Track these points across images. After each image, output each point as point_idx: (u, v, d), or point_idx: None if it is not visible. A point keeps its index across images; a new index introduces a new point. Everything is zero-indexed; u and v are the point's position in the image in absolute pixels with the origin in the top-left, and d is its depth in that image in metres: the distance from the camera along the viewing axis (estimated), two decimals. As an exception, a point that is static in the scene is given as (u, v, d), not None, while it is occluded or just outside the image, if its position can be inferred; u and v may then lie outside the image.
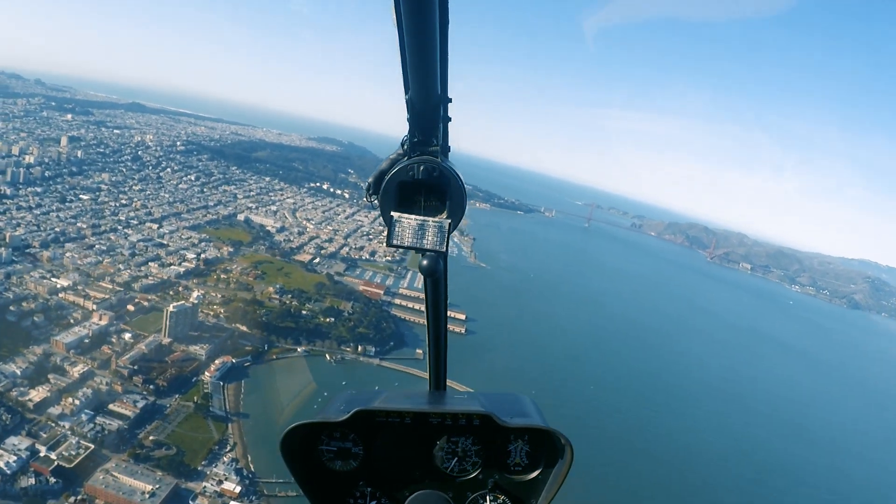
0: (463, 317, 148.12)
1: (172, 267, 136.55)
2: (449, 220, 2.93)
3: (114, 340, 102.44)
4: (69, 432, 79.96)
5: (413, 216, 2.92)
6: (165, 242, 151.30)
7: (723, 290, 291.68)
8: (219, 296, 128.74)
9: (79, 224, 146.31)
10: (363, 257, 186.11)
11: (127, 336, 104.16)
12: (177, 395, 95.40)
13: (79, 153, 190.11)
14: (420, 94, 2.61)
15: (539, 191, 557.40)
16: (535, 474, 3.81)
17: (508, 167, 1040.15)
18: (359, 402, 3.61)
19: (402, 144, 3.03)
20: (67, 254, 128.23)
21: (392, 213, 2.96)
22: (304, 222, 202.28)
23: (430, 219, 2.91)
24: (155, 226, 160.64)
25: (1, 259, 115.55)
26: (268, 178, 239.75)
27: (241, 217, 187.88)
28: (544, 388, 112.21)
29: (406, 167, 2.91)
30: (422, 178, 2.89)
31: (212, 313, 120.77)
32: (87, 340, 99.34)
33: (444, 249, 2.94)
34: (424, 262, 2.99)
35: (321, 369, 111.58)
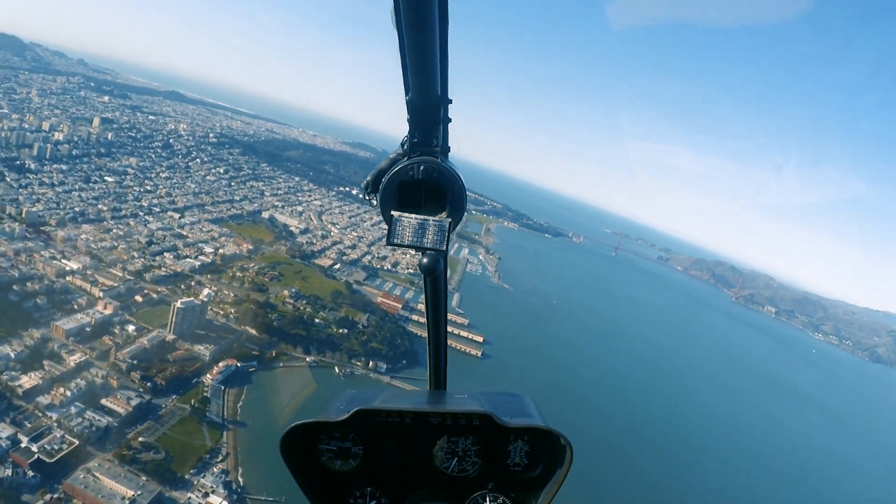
0: (480, 339, 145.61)
1: (188, 260, 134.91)
2: (449, 220, 3.05)
3: (116, 331, 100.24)
4: (55, 424, 77.33)
5: (413, 215, 3.03)
6: (185, 234, 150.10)
7: (745, 332, 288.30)
8: (231, 294, 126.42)
9: (99, 206, 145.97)
10: (385, 267, 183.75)
11: (130, 328, 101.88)
12: (174, 396, 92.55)
13: (109, 135, 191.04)
14: (420, 94, 2.74)
15: (568, 215, 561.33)
16: (534, 474, 3.84)
17: (540, 189, 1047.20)
18: (359, 402, 3.61)
19: (402, 145, 3.15)
20: (83, 236, 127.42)
21: (392, 213, 3.06)
22: (329, 226, 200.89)
23: (431, 218, 3.02)
24: (177, 215, 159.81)
25: (13, 235, 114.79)
26: (297, 178, 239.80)
27: (265, 215, 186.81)
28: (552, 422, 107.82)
29: (406, 167, 3.04)
30: (422, 179, 3.02)
31: (221, 312, 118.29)
32: (88, 329, 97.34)
33: (445, 248, 3.05)
34: (424, 261, 3.13)
35: (329, 382, 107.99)
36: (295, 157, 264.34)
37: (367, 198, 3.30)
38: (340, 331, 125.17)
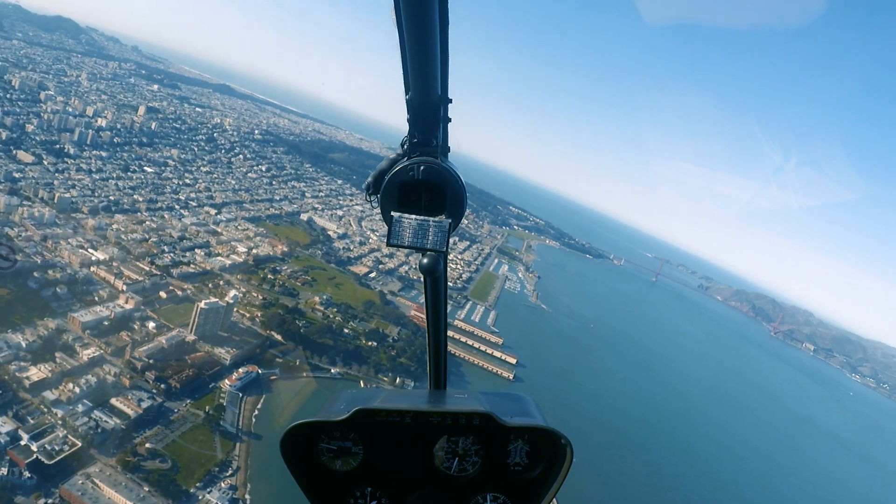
0: (513, 361, 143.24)
1: (219, 258, 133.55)
2: (449, 220, 3.17)
3: (135, 327, 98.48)
4: (59, 423, 75.24)
5: (413, 216, 3.13)
6: (219, 231, 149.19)
7: (783, 369, 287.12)
8: (260, 297, 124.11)
9: (135, 196, 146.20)
10: (422, 279, 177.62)
11: (150, 325, 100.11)
12: (188, 401, 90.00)
13: (153, 125, 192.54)
14: (420, 94, 2.82)
15: (610, 236, 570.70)
16: (535, 474, 3.92)
17: (583, 207, 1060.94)
18: (359, 402, 3.69)
19: (402, 145, 3.24)
20: (114, 226, 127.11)
21: (392, 213, 3.16)
22: (369, 232, 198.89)
23: (431, 219, 3.13)
24: (213, 211, 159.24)
25: (42, 220, 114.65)
26: (340, 181, 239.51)
27: (304, 217, 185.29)
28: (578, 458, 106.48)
29: (406, 167, 3.13)
30: (422, 179, 3.12)
31: (248, 315, 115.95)
32: (106, 322, 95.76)
33: (445, 249, 3.19)
34: (424, 261, 3.30)
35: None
36: (339, 160, 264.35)
37: (368, 199, 3.31)
38: (369, 343, 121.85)
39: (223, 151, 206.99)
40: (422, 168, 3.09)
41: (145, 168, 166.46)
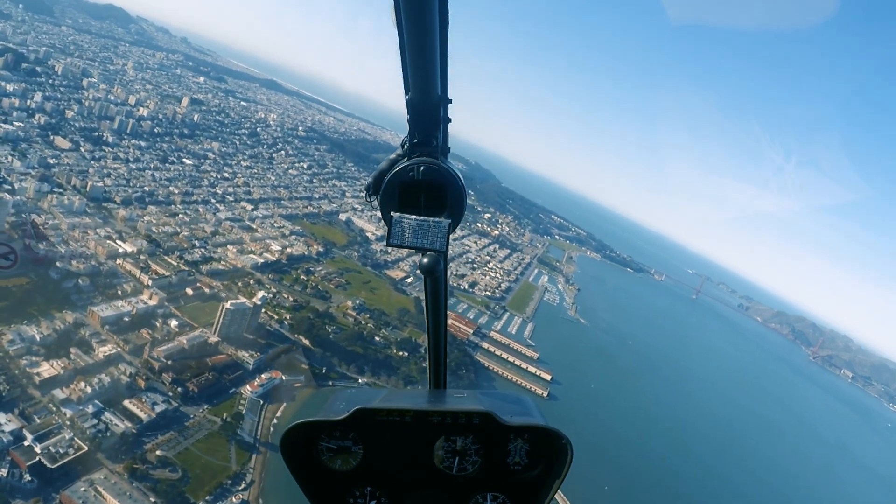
0: (548, 377, 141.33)
1: (251, 256, 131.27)
2: (449, 221, 3.20)
3: (157, 325, 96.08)
4: (67, 424, 72.78)
5: (413, 216, 3.17)
6: (254, 227, 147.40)
7: (820, 395, 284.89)
8: (290, 299, 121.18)
9: (171, 188, 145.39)
10: (462, 287, 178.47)
11: (173, 323, 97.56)
12: (205, 406, 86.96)
13: (196, 117, 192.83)
14: (420, 94, 2.89)
15: (652, 250, 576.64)
16: (535, 473, 3.96)
17: (625, 219, 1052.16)
18: (359, 401, 3.72)
19: (403, 145, 3.30)
20: (146, 217, 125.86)
21: (392, 213, 3.18)
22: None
23: (431, 219, 3.17)
24: (249, 207, 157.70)
25: (72, 208, 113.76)
26: None
27: (342, 217, 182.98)
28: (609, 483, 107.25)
29: (406, 168, 3.19)
30: (422, 179, 3.18)
31: (276, 317, 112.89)
32: (126, 318, 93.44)
33: (445, 249, 3.21)
34: (424, 261, 3.35)
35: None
36: (382, 160, 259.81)
37: (368, 199, 3.35)
38: (401, 353, 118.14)
39: (265, 147, 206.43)
40: (422, 168, 3.14)
41: (184, 160, 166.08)
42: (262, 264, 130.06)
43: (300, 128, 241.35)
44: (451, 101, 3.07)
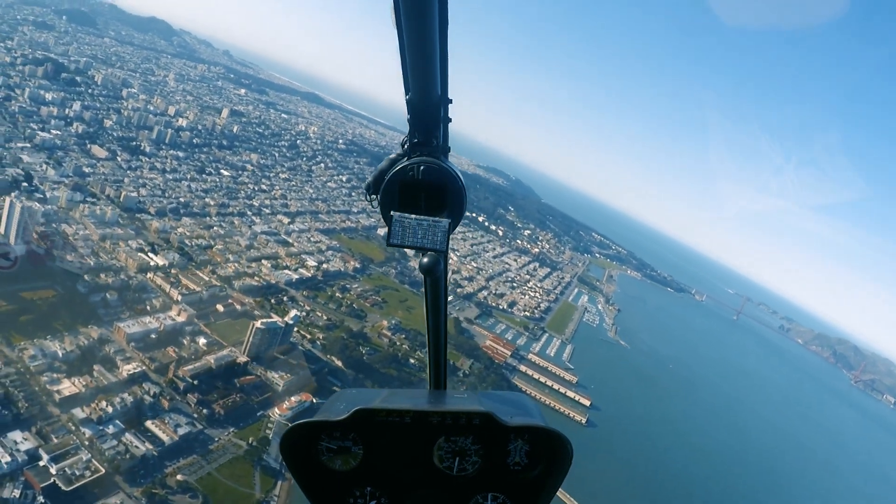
0: (587, 402, 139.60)
1: (286, 271, 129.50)
2: (449, 220, 3.24)
3: (184, 342, 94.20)
4: (85, 444, 70.67)
5: (413, 216, 3.20)
6: (290, 241, 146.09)
7: (862, 421, 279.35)
8: (324, 317, 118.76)
9: (207, 200, 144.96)
10: (501, 306, 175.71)
11: (201, 341, 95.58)
12: (231, 429, 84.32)
13: (235, 128, 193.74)
14: (420, 94, 2.94)
15: (691, 269, 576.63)
16: (535, 474, 3.97)
17: (668, 238, 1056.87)
18: (359, 402, 3.76)
19: (403, 145, 3.32)
20: (179, 229, 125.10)
21: (392, 213, 3.21)
22: (448, 252, 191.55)
23: (431, 219, 3.21)
24: (286, 220, 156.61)
25: (104, 218, 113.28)
26: None
27: (381, 231, 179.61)
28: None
29: (406, 167, 3.21)
30: (422, 179, 3.21)
31: (308, 336, 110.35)
32: (154, 335, 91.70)
33: (445, 249, 3.25)
34: (424, 261, 3.45)
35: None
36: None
37: (368, 199, 3.38)
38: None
39: (304, 159, 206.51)
40: (422, 168, 3.16)
41: (222, 171, 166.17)
42: (296, 280, 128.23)
43: (340, 141, 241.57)
44: (451, 101, 3.11)
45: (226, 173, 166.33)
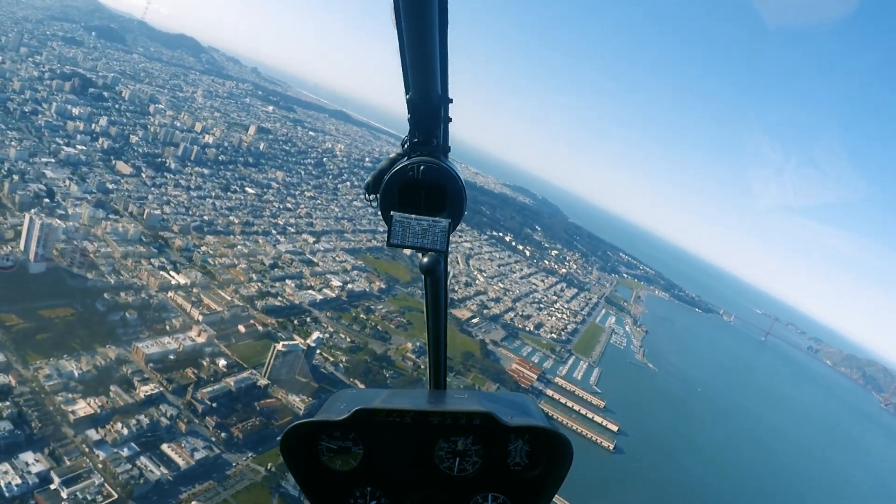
0: (615, 428, 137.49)
1: (310, 292, 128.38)
2: (449, 220, 3.26)
3: (204, 364, 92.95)
4: (98, 467, 69.35)
5: (413, 216, 3.23)
6: (315, 260, 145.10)
7: (893, 446, 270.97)
8: (347, 339, 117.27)
9: (231, 217, 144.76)
10: (527, 328, 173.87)
11: (221, 363, 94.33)
12: (249, 454, 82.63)
13: (262, 145, 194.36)
14: (420, 94, 2.96)
15: (719, 288, 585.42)
16: (535, 474, 4.02)
17: (698, 259, 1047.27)
18: (359, 402, 3.80)
19: (403, 144, 3.33)
20: (203, 247, 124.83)
21: (392, 213, 3.25)
22: (476, 273, 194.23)
23: (431, 218, 3.23)
24: (311, 239, 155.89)
25: (126, 236, 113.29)
26: None
27: (407, 251, 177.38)
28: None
29: (406, 167, 3.22)
30: (422, 179, 3.21)
31: (331, 359, 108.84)
32: (172, 356, 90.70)
33: (445, 249, 3.29)
34: (424, 261, 3.50)
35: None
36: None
37: (368, 199, 3.41)
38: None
39: (330, 177, 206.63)
40: (422, 168, 3.17)
41: (247, 188, 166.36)
42: (320, 301, 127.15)
43: (367, 158, 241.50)
44: (451, 101, 3.13)
45: (251, 191, 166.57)
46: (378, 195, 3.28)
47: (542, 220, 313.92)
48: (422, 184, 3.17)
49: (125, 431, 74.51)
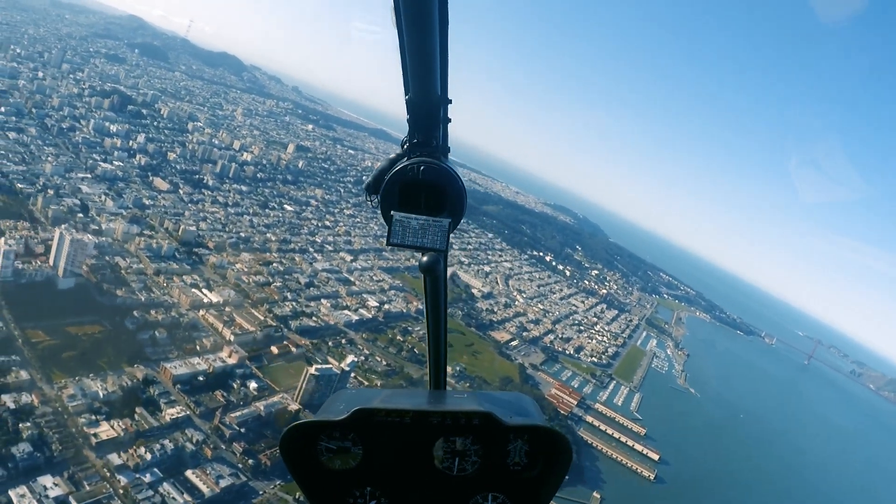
0: (656, 457, 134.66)
1: (346, 312, 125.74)
2: (449, 220, 3.32)
3: (234, 386, 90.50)
4: (119, 493, 66.71)
5: (413, 216, 3.28)
6: (352, 280, 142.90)
7: None
8: (383, 362, 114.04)
9: (268, 235, 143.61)
10: (567, 351, 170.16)
11: (252, 386, 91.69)
12: (278, 482, 79.42)
13: (301, 163, 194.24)
14: (420, 94, 2.99)
15: (760, 309, 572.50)
16: (534, 474, 4.00)
17: (738, 279, 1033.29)
18: (359, 402, 3.80)
19: (403, 145, 3.36)
20: (237, 265, 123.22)
21: (392, 213, 3.28)
22: (515, 293, 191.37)
23: (431, 218, 3.29)
24: (349, 258, 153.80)
25: (160, 252, 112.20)
26: (490, 235, 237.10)
27: (447, 270, 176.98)
28: None
29: (406, 167, 3.25)
30: (422, 179, 3.24)
31: (365, 383, 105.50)
32: (201, 378, 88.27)
33: (445, 248, 3.34)
34: (424, 260, 3.48)
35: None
36: (493, 213, 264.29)
37: (368, 199, 3.44)
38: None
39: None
40: (422, 168, 3.19)
41: (285, 206, 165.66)
42: (356, 322, 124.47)
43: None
44: (451, 102, 3.15)
45: (289, 208, 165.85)
46: (378, 195, 3.28)
47: (582, 239, 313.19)
48: (422, 184, 3.21)
49: (148, 456, 71.91)
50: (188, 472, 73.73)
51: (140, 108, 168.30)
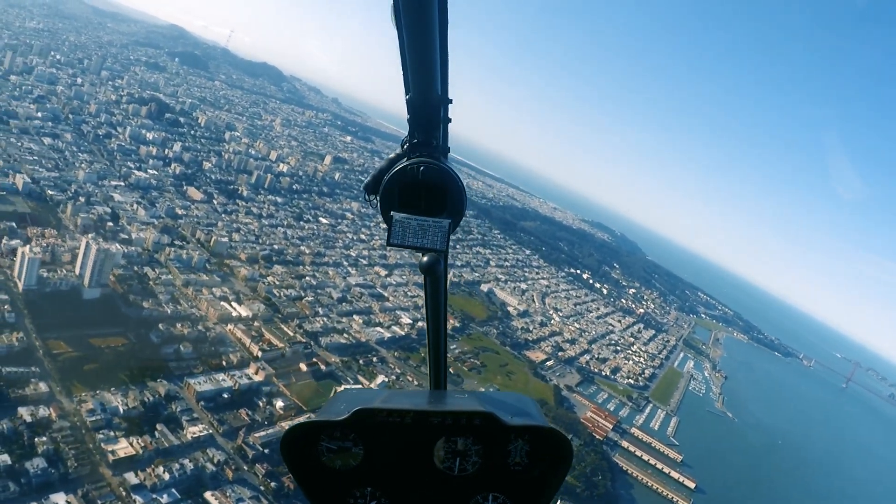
0: (693, 485, 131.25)
1: (378, 329, 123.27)
2: (449, 220, 3.32)
3: (260, 405, 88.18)
4: (134, 517, 64.68)
5: (413, 216, 3.29)
6: (385, 295, 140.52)
7: None
8: (415, 383, 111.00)
9: (302, 247, 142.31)
10: (603, 372, 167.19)
11: (278, 404, 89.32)
12: (301, 507, 76.75)
13: (337, 175, 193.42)
14: (420, 94, 3.01)
15: (797, 329, 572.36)
16: (535, 474, 4.02)
17: (776, 300, 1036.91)
18: (359, 402, 3.82)
19: (403, 145, 3.38)
20: (269, 278, 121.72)
21: (392, 213, 3.30)
22: (552, 311, 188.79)
23: (431, 219, 3.30)
24: (383, 272, 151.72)
25: (191, 263, 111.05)
26: (528, 252, 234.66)
27: (484, 287, 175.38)
28: None
29: (406, 168, 3.27)
30: (422, 179, 3.26)
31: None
32: (226, 395, 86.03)
33: (445, 248, 3.34)
34: (424, 260, 3.46)
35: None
36: (530, 229, 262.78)
37: (367, 199, 3.47)
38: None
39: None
40: (422, 168, 3.21)
41: (320, 218, 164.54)
42: (388, 339, 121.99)
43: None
44: (451, 101, 3.16)
45: (324, 221, 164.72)
46: (377, 195, 3.31)
47: (620, 257, 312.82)
48: (422, 184, 3.22)
49: (166, 476, 69.64)
50: (207, 494, 71.03)
51: (178, 116, 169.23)
